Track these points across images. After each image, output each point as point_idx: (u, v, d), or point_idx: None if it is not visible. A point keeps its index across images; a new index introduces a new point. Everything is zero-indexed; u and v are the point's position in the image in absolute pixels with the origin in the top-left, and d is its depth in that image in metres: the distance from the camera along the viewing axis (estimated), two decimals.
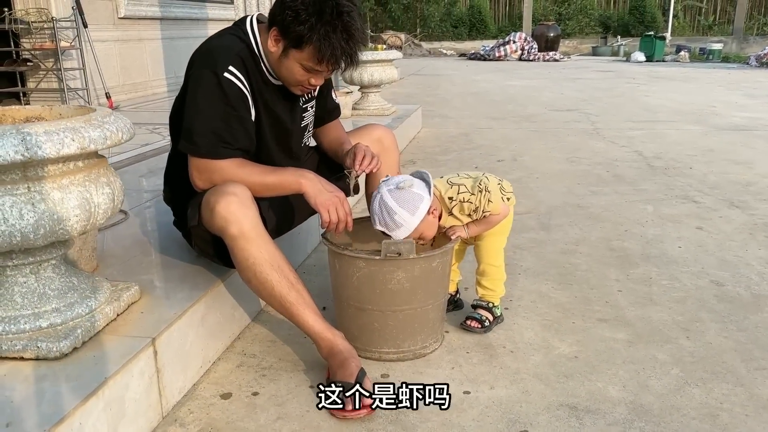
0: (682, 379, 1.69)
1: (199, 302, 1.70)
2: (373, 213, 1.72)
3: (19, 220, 1.30)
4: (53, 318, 1.45)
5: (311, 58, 1.63)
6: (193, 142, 1.66)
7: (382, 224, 1.70)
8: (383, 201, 1.69)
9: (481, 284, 1.97)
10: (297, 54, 1.63)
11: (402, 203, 1.68)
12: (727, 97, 7.69)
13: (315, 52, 1.61)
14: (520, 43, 15.18)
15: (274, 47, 1.66)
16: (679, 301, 2.15)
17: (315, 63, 1.63)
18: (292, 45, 1.62)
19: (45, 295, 1.47)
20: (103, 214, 1.46)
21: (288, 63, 1.66)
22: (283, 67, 1.68)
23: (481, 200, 1.79)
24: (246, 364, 1.78)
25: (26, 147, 1.25)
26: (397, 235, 1.69)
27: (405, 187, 1.70)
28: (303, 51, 1.62)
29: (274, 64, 1.71)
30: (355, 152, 1.86)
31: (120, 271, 1.89)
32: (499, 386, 1.66)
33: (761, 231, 2.83)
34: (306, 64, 1.65)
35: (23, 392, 1.29)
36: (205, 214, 1.66)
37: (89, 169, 1.43)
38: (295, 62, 1.65)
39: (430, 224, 1.76)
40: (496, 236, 1.93)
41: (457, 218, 1.84)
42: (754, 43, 16.78)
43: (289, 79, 1.71)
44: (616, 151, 4.61)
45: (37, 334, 1.42)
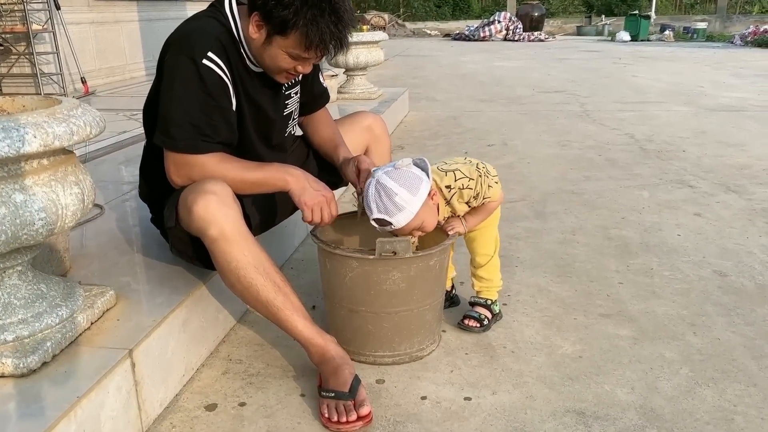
0: (692, 379, 1.61)
1: (180, 306, 1.59)
2: (369, 200, 1.55)
3: None
4: (20, 330, 1.33)
5: (298, 45, 1.49)
6: (169, 135, 1.53)
7: (381, 210, 1.53)
8: (381, 184, 1.54)
9: (476, 276, 1.87)
10: (282, 41, 1.50)
11: (402, 183, 1.53)
12: (715, 76, 7.62)
13: (302, 38, 1.47)
14: (505, 23, 15.01)
15: (256, 34, 1.52)
16: (683, 293, 2.07)
17: (302, 50, 1.50)
18: (276, 31, 1.49)
19: (10, 305, 1.35)
20: (72, 216, 1.33)
21: (272, 50, 1.53)
22: (266, 54, 1.54)
23: (482, 185, 1.68)
24: (232, 370, 1.68)
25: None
26: (399, 220, 1.53)
27: (402, 167, 1.56)
28: (288, 37, 1.48)
29: (255, 52, 1.57)
30: (359, 168, 1.73)
31: (95, 273, 1.76)
32: (502, 391, 1.57)
33: (760, 217, 2.76)
34: (292, 52, 1.51)
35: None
36: (182, 215, 1.53)
37: (55, 167, 1.31)
38: (279, 50, 1.51)
39: (431, 210, 1.61)
40: (487, 226, 1.83)
41: (455, 208, 1.73)
42: (737, 22, 16.74)
43: (273, 67, 1.58)
44: (607, 134, 4.52)
45: (2, 348, 1.30)
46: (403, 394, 1.56)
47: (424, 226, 1.61)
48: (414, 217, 1.54)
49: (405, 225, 1.55)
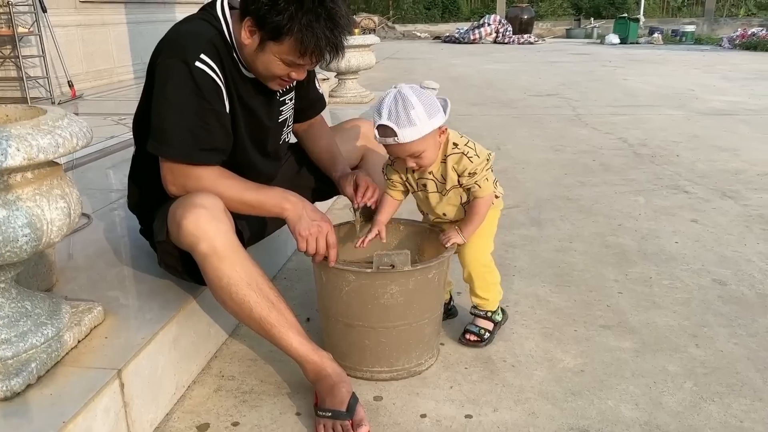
0: (696, 393, 1.58)
1: (170, 323, 1.53)
2: (383, 106, 1.50)
3: None
4: (3, 351, 1.27)
5: (292, 51, 1.44)
6: (165, 142, 1.48)
7: (392, 118, 1.48)
8: (402, 94, 1.49)
9: (474, 292, 1.81)
10: (275, 47, 1.44)
11: (423, 101, 1.49)
12: (705, 80, 7.64)
13: (296, 45, 1.42)
14: (494, 26, 15.02)
15: (248, 39, 1.47)
16: (683, 303, 2.04)
17: (296, 56, 1.45)
18: (269, 37, 1.43)
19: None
20: (58, 232, 1.28)
21: (265, 57, 1.47)
22: (259, 61, 1.49)
23: (483, 170, 1.60)
24: (224, 387, 1.62)
25: None
26: (405, 134, 1.48)
27: (428, 88, 1.54)
28: (282, 43, 1.43)
29: (248, 58, 1.52)
30: (357, 183, 1.70)
31: (82, 287, 1.70)
32: (503, 408, 1.53)
33: (757, 223, 2.74)
34: (286, 58, 1.46)
35: None
36: (171, 229, 1.48)
37: (40, 180, 1.25)
38: (273, 56, 1.46)
39: (435, 144, 1.56)
40: (481, 237, 1.75)
41: (446, 172, 1.62)
42: (725, 25, 16.86)
43: (266, 74, 1.52)
44: (600, 138, 4.50)
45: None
46: (402, 411, 1.52)
47: (422, 158, 1.56)
48: (420, 139, 1.50)
49: (408, 143, 1.50)
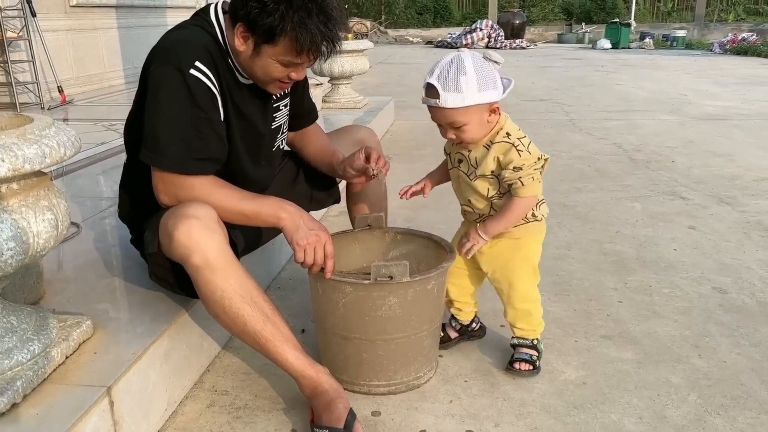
0: (701, 406, 1.54)
1: (161, 336, 1.49)
2: (438, 65, 1.45)
3: None
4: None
5: (288, 51, 1.40)
6: (157, 152, 1.43)
7: (441, 78, 1.42)
8: (459, 59, 1.43)
9: (516, 326, 1.71)
10: (271, 49, 1.40)
11: (479, 71, 1.43)
12: (697, 85, 7.65)
13: (292, 44, 1.38)
14: (486, 31, 15.03)
15: (242, 46, 1.43)
16: (684, 312, 2.01)
17: (293, 56, 1.41)
18: (263, 41, 1.39)
19: None
20: (44, 245, 1.23)
21: (262, 61, 1.43)
22: (256, 66, 1.45)
23: (531, 168, 1.52)
24: (217, 403, 1.58)
25: None
26: (447, 99, 1.42)
27: (491, 60, 1.49)
28: (277, 45, 1.39)
29: (244, 64, 1.48)
30: (368, 154, 1.69)
31: (70, 300, 1.66)
32: (505, 423, 1.49)
33: (755, 230, 2.72)
34: (283, 59, 1.42)
35: None
36: (163, 241, 1.43)
37: (26, 191, 1.21)
38: (270, 59, 1.42)
39: (480, 122, 1.49)
40: (527, 276, 1.68)
41: (486, 162, 1.53)
42: (715, 30, 16.94)
43: (265, 78, 1.48)
44: (595, 144, 4.48)
45: None
46: (400, 427, 1.48)
47: (463, 131, 1.49)
48: (463, 109, 1.44)
49: (449, 110, 1.44)
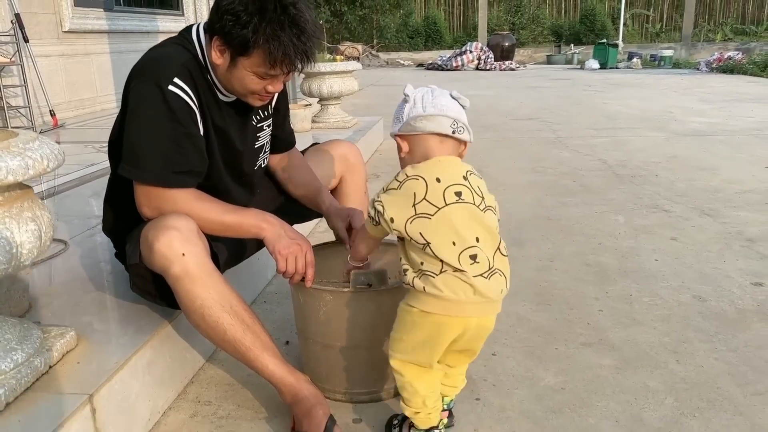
0: (677, 409, 1.57)
1: (144, 347, 1.51)
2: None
3: None
4: None
5: (262, 63, 1.43)
6: (138, 166, 1.47)
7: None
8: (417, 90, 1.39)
9: None
10: (245, 61, 1.44)
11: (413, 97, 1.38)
12: (683, 102, 7.76)
13: (265, 56, 1.41)
14: (476, 53, 15.21)
15: (219, 59, 1.47)
16: (663, 319, 2.04)
17: (268, 68, 1.44)
18: (238, 53, 1.43)
19: None
20: (28, 255, 1.26)
21: (238, 73, 1.47)
22: (233, 78, 1.49)
23: (371, 203, 1.37)
24: (200, 413, 1.60)
25: None
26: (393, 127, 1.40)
27: (440, 97, 1.39)
28: (251, 57, 1.43)
29: (222, 77, 1.52)
30: (352, 225, 1.72)
31: (55, 313, 1.68)
32: (484, 427, 1.51)
33: (736, 240, 2.76)
34: (258, 70, 1.45)
35: None
36: (144, 252, 1.46)
37: (10, 203, 1.24)
38: (245, 71, 1.46)
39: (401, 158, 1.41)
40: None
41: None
42: (702, 49, 17.19)
43: (242, 90, 1.52)
44: (581, 160, 4.54)
45: None
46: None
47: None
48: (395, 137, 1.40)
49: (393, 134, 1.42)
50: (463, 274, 1.23)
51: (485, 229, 1.29)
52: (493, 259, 1.28)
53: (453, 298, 1.24)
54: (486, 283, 1.25)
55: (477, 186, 1.33)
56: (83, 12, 6.13)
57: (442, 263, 1.24)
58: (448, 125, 1.38)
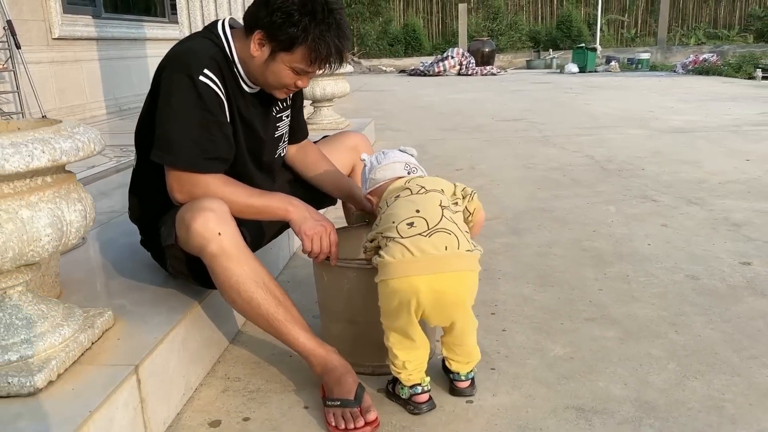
0: (680, 373, 1.68)
1: (179, 325, 1.59)
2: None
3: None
4: (23, 350, 1.31)
5: (303, 60, 1.56)
6: (170, 152, 1.55)
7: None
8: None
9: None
10: (287, 56, 1.56)
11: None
12: (663, 102, 7.97)
13: (308, 53, 1.54)
14: (458, 59, 15.41)
15: (257, 51, 1.58)
16: (660, 296, 2.16)
17: (306, 64, 1.57)
18: (281, 48, 1.55)
19: (12, 326, 1.34)
20: (76, 233, 1.33)
21: (276, 67, 1.58)
22: (268, 71, 1.60)
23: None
24: (231, 388, 1.67)
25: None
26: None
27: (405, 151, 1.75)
28: (294, 53, 1.55)
29: (255, 69, 1.62)
30: None
31: (86, 298, 1.75)
32: (501, 393, 1.61)
33: (723, 225, 2.90)
34: (296, 66, 1.57)
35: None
36: (180, 233, 1.54)
37: (59, 184, 1.32)
38: (283, 65, 1.57)
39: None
40: None
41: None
42: (677, 53, 17.60)
43: (275, 83, 1.63)
44: (569, 156, 4.68)
45: (6, 368, 1.28)
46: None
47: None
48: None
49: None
50: (400, 239, 1.44)
51: (426, 203, 1.51)
52: (438, 223, 1.46)
53: (393, 261, 1.43)
54: (425, 240, 1.43)
55: (417, 184, 1.59)
56: (72, 19, 6.16)
57: (387, 239, 1.47)
58: (401, 168, 1.68)
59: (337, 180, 1.97)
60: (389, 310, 1.49)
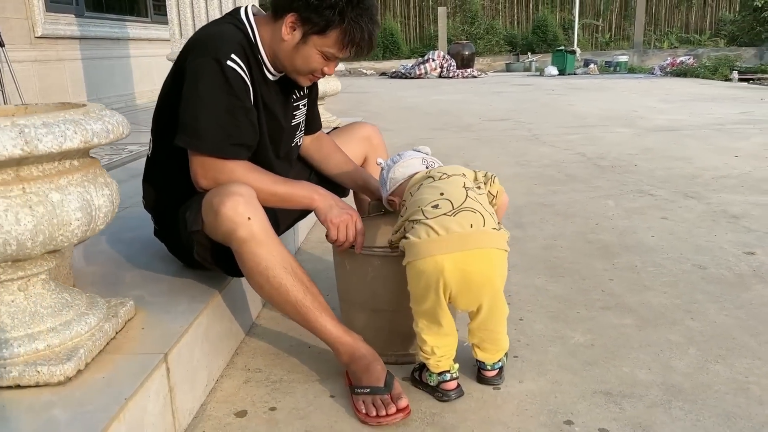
0: (701, 357, 1.69)
1: (201, 315, 1.56)
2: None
3: (15, 226, 1.14)
4: (50, 338, 1.27)
5: (334, 44, 1.55)
6: (196, 137, 1.52)
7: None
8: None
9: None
10: (318, 40, 1.55)
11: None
12: (645, 102, 8.08)
13: (341, 38, 1.53)
14: (439, 61, 15.46)
15: (288, 35, 1.56)
16: (671, 285, 2.18)
17: (338, 48, 1.56)
18: (315, 31, 1.53)
19: (37, 314, 1.30)
20: (104, 219, 1.31)
21: (306, 51, 1.57)
22: (298, 55, 1.58)
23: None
24: (253, 379, 1.64)
25: (25, 140, 1.09)
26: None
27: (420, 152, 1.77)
28: (327, 36, 1.54)
29: (284, 54, 1.59)
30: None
31: (102, 289, 1.70)
32: (528, 379, 1.60)
33: (722, 218, 2.93)
34: (327, 51, 1.57)
35: (34, 424, 1.11)
36: (208, 218, 1.51)
37: (86, 168, 1.28)
38: (314, 49, 1.56)
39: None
40: None
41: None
42: (653, 56, 17.90)
43: (303, 67, 1.61)
44: (561, 154, 4.71)
45: (34, 357, 1.25)
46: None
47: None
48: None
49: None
50: (425, 220, 1.45)
51: (450, 186, 1.52)
52: (462, 202, 1.47)
53: (418, 241, 1.43)
54: (450, 219, 1.44)
55: (439, 171, 1.60)
56: (54, 17, 6.07)
57: (413, 222, 1.48)
58: (419, 163, 1.70)
59: (352, 171, 1.96)
60: (417, 292, 1.48)
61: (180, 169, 1.64)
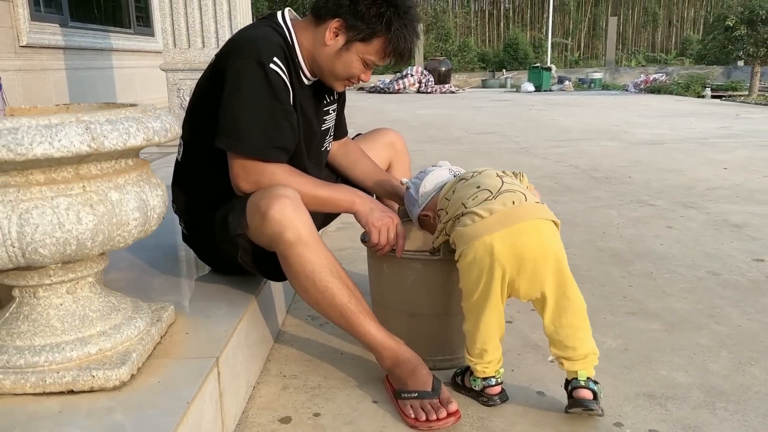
0: (735, 359, 1.71)
1: (242, 320, 1.53)
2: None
3: (76, 225, 1.11)
4: (102, 342, 1.24)
5: (377, 52, 1.56)
6: (239, 138, 1.50)
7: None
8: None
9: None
10: (362, 47, 1.55)
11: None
12: (625, 118, 8.23)
13: (384, 46, 1.55)
14: (417, 77, 15.56)
15: (331, 41, 1.56)
16: (690, 291, 2.21)
17: (379, 57, 1.57)
18: (359, 38, 1.54)
19: (87, 318, 1.26)
20: (157, 219, 1.28)
21: (348, 57, 1.57)
22: (339, 61, 1.58)
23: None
24: (291, 385, 1.62)
25: (92, 137, 1.07)
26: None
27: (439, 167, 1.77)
28: (371, 45, 1.55)
29: (325, 59, 1.59)
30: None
31: (133, 295, 1.65)
32: None
33: (724, 226, 2.99)
34: (368, 58, 1.57)
35: (97, 429, 1.07)
36: (253, 220, 1.49)
37: (140, 168, 1.26)
38: (356, 56, 1.57)
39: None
40: None
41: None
42: (624, 73, 18.28)
43: (343, 73, 1.61)
44: (554, 166, 4.76)
45: (87, 361, 1.21)
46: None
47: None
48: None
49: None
50: (468, 209, 1.45)
51: (484, 178, 1.54)
52: (500, 187, 1.48)
53: (464, 229, 1.44)
54: (491, 202, 1.44)
55: (469, 172, 1.64)
56: (39, 26, 5.96)
57: (456, 217, 1.49)
58: (446, 173, 1.73)
59: (380, 177, 1.95)
60: (469, 285, 1.45)
61: (214, 173, 1.62)
